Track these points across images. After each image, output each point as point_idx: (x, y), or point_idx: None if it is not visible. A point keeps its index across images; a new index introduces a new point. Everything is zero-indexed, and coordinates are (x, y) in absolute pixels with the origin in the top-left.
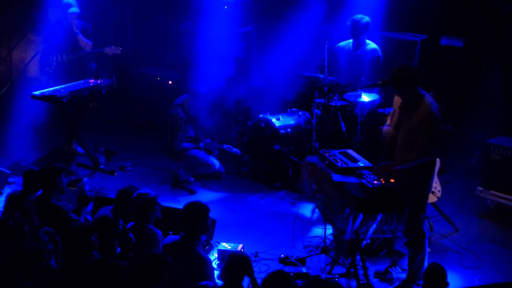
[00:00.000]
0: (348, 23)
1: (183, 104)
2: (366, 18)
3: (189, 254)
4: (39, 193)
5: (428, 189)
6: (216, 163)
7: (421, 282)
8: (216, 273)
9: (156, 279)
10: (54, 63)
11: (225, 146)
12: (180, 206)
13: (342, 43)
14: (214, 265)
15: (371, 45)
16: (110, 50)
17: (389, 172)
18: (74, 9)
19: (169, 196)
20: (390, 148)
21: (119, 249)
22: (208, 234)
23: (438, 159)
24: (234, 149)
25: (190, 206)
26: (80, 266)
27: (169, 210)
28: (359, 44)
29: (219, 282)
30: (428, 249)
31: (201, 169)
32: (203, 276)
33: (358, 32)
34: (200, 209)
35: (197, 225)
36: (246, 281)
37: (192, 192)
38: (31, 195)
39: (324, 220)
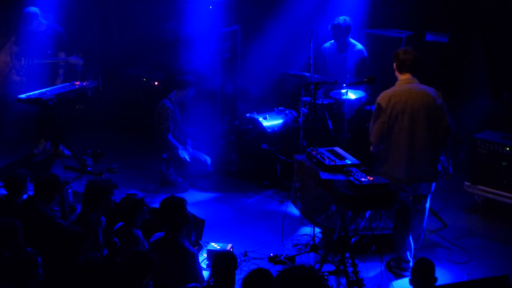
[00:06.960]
0: (329, 27)
1: (171, 98)
2: (347, 20)
3: (173, 246)
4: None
5: None
6: (208, 159)
7: (408, 265)
8: (206, 273)
9: (141, 276)
10: (25, 66)
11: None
12: None
13: (327, 44)
14: (204, 265)
15: (357, 46)
16: (73, 60)
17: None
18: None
19: (157, 197)
20: None
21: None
22: (197, 234)
23: None
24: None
25: (166, 201)
26: (65, 270)
27: (157, 211)
28: (344, 46)
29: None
30: (414, 245)
31: (194, 166)
32: (188, 268)
33: (340, 35)
34: (176, 201)
35: (176, 217)
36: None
37: (181, 192)
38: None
39: (309, 219)
